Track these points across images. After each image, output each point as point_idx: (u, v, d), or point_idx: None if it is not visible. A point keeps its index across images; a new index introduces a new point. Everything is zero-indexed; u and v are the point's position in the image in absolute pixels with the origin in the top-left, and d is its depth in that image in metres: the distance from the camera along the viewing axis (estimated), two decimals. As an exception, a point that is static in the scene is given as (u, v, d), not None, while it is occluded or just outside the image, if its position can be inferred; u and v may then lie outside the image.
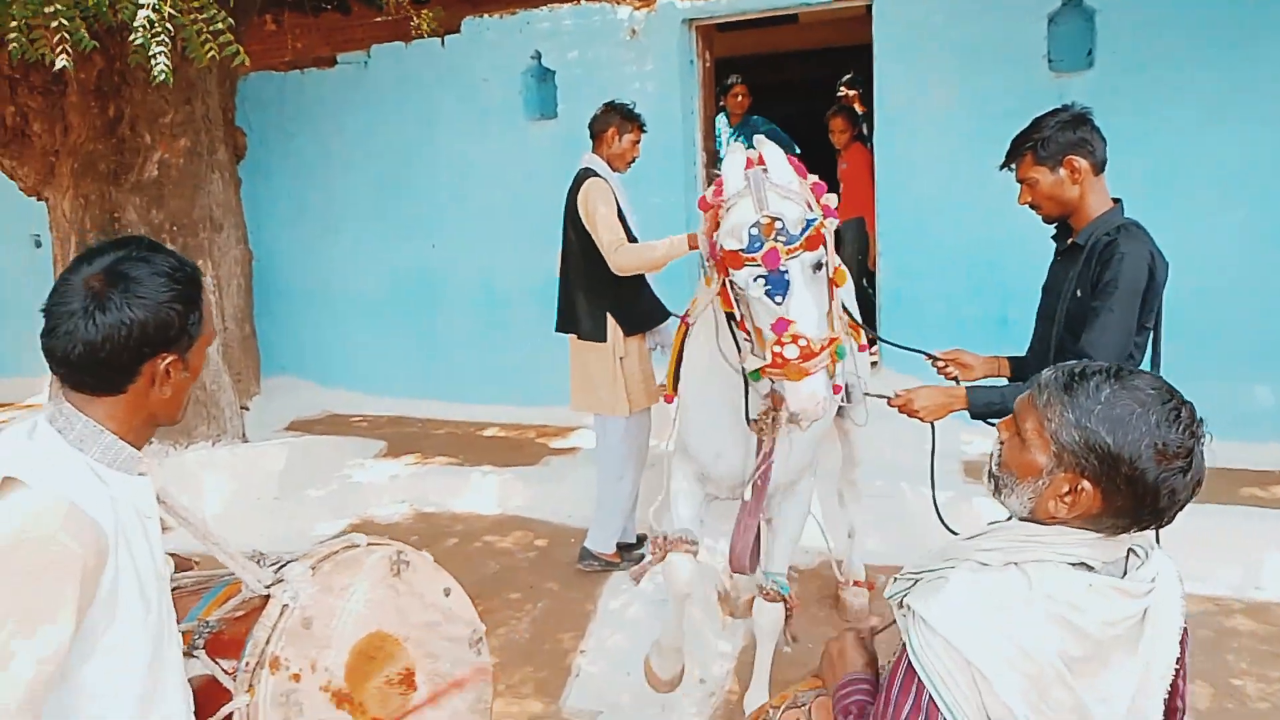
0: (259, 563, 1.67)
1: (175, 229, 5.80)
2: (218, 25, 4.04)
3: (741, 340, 2.49)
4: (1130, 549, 1.39)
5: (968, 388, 2.56)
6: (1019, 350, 2.86)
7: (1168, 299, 2.55)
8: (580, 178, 4.14)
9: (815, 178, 2.51)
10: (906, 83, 5.40)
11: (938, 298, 5.44)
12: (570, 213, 4.16)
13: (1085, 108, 2.53)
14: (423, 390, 6.97)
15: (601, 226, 3.96)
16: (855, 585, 3.84)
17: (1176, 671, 1.37)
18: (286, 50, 7.51)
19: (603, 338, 4.16)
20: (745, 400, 2.69)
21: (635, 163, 4.30)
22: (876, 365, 5.53)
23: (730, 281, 2.37)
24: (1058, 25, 5.13)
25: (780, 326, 2.26)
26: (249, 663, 1.53)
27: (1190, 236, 4.84)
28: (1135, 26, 4.91)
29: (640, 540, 4.52)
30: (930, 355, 2.82)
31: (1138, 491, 1.26)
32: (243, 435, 6.03)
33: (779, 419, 2.61)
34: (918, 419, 2.55)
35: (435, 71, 6.54)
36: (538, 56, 6.24)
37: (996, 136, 2.64)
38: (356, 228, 7.06)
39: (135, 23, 3.70)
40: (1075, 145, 2.47)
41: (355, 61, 6.83)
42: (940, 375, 2.83)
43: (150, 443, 1.46)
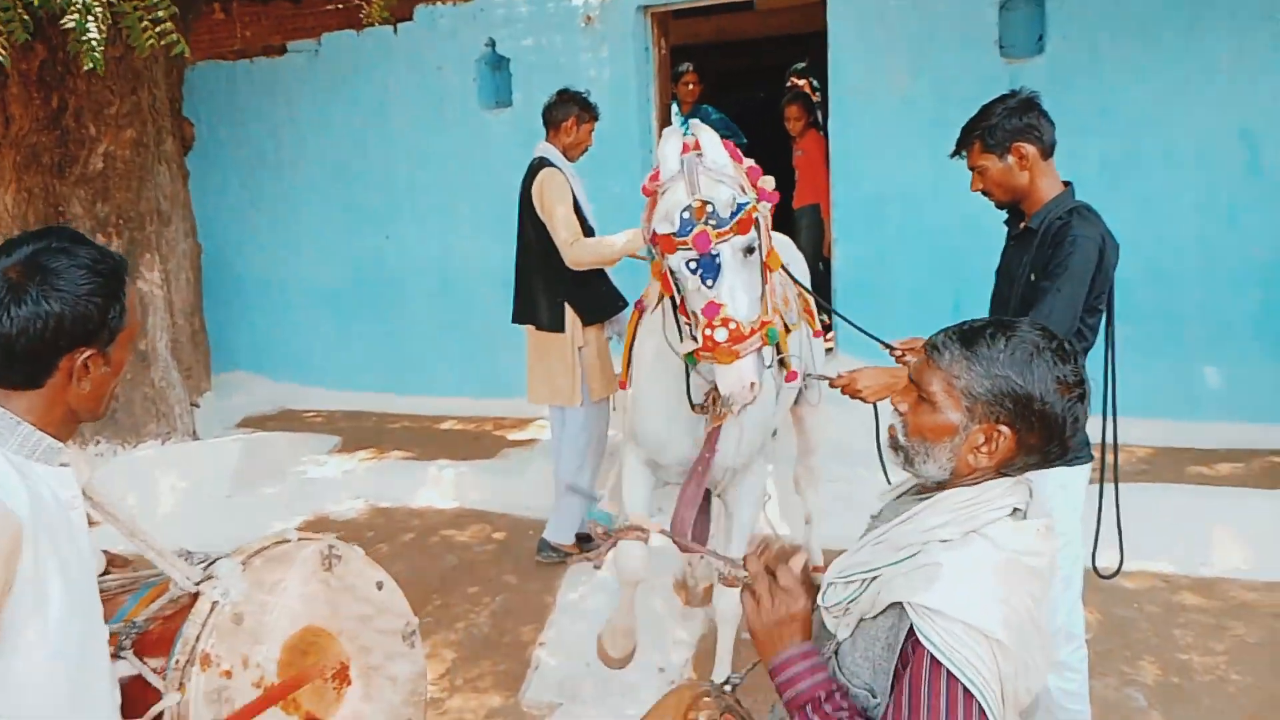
0: (188, 560, 1.64)
1: (121, 222, 5.68)
2: (159, 14, 3.95)
3: (682, 324, 2.50)
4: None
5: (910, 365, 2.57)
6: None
7: (1121, 280, 2.58)
8: (534, 168, 4.10)
9: (751, 161, 2.50)
10: (860, 69, 5.42)
11: (895, 284, 5.47)
12: (525, 204, 4.12)
13: (1033, 93, 2.54)
14: (378, 383, 6.90)
15: (559, 223, 3.94)
16: (814, 570, 3.85)
17: None
18: (235, 39, 7.38)
19: (561, 328, 4.13)
20: (687, 384, 2.69)
21: (589, 150, 4.27)
22: (832, 351, 5.56)
23: (668, 265, 2.37)
24: (1009, 11, 5.18)
25: (711, 310, 2.26)
26: (179, 660, 1.50)
27: (1143, 219, 4.93)
28: (1085, 12, 4.97)
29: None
30: (887, 344, 2.83)
31: (1049, 426, 1.35)
32: (194, 433, 5.92)
33: (720, 403, 2.61)
34: (861, 400, 2.55)
35: (388, 60, 6.46)
36: (492, 44, 6.18)
37: (950, 122, 2.66)
38: (309, 219, 6.96)
39: (71, 7, 3.61)
40: (1022, 132, 2.48)
41: (306, 50, 6.73)
42: (899, 364, 2.83)
43: (99, 441, 1.42)
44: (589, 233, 4.06)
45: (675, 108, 6.99)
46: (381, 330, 6.89)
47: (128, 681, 1.52)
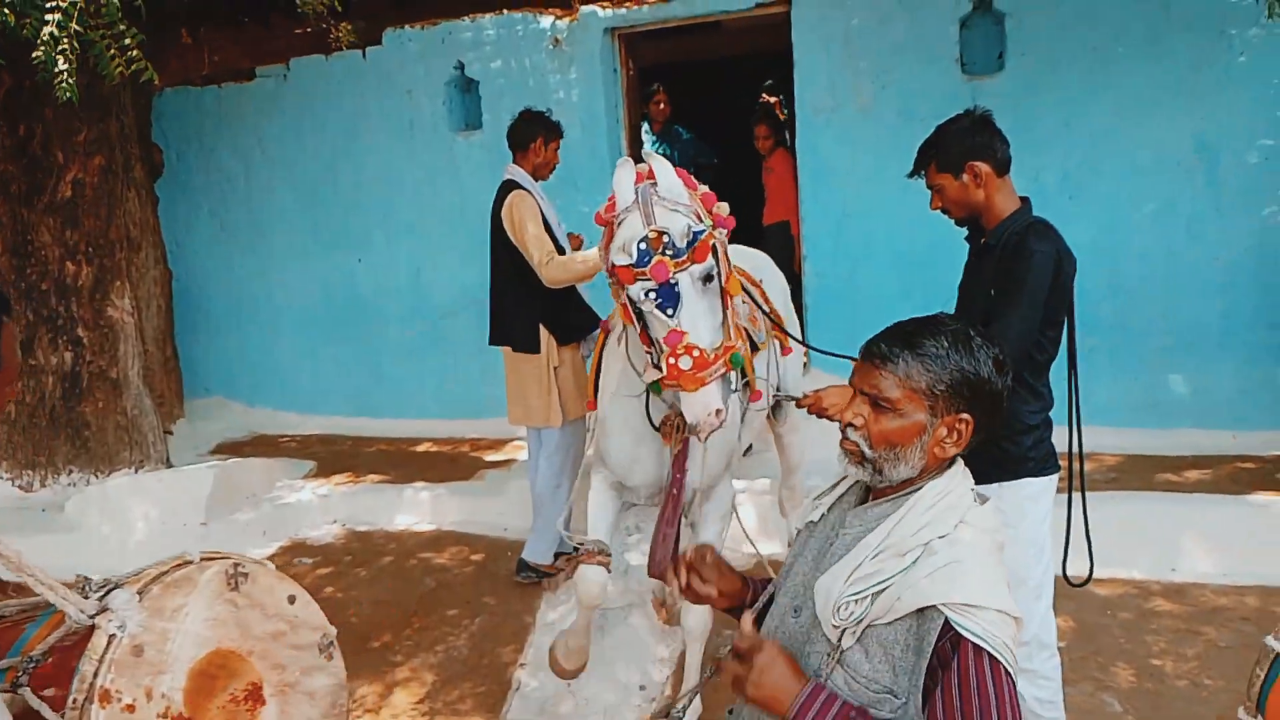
0: (84, 590, 1.60)
1: (91, 250, 5.63)
2: (126, 41, 3.94)
3: (644, 352, 2.50)
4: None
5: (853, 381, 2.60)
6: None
7: (1084, 291, 2.63)
8: (504, 190, 4.12)
9: (705, 188, 2.52)
10: (825, 87, 5.49)
11: (865, 300, 5.52)
12: (496, 227, 4.13)
13: (986, 110, 2.60)
14: (353, 407, 6.86)
15: (531, 244, 3.96)
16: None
17: None
18: (204, 64, 7.33)
19: (536, 349, 4.14)
20: (647, 406, 2.70)
21: (558, 171, 4.30)
22: (807, 367, 5.59)
23: (627, 296, 2.37)
24: (969, 30, 5.27)
25: (673, 339, 2.27)
26: (76, 699, 1.46)
27: (1103, 231, 5.02)
28: (1044, 29, 5.06)
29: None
30: (792, 398, 2.88)
31: (996, 403, 1.46)
32: (167, 460, 5.87)
33: (684, 428, 2.62)
34: (828, 419, 2.58)
35: (357, 84, 6.46)
36: (460, 67, 6.20)
37: (914, 138, 2.70)
38: (281, 243, 6.92)
39: (40, 39, 3.59)
40: (975, 150, 2.53)
41: (275, 75, 6.71)
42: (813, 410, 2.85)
43: (71, 470, 1.40)
44: (560, 253, 4.08)
45: (646, 126, 7.04)
46: (355, 353, 6.85)
47: (26, 717, 1.49)
